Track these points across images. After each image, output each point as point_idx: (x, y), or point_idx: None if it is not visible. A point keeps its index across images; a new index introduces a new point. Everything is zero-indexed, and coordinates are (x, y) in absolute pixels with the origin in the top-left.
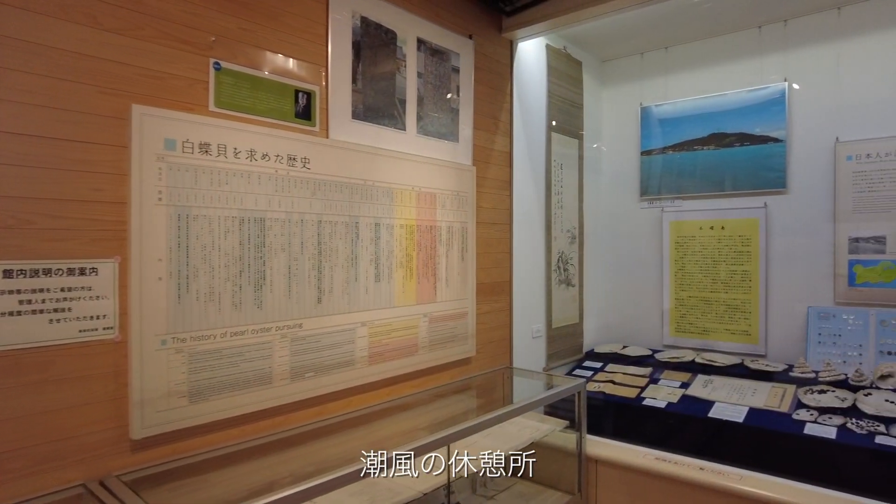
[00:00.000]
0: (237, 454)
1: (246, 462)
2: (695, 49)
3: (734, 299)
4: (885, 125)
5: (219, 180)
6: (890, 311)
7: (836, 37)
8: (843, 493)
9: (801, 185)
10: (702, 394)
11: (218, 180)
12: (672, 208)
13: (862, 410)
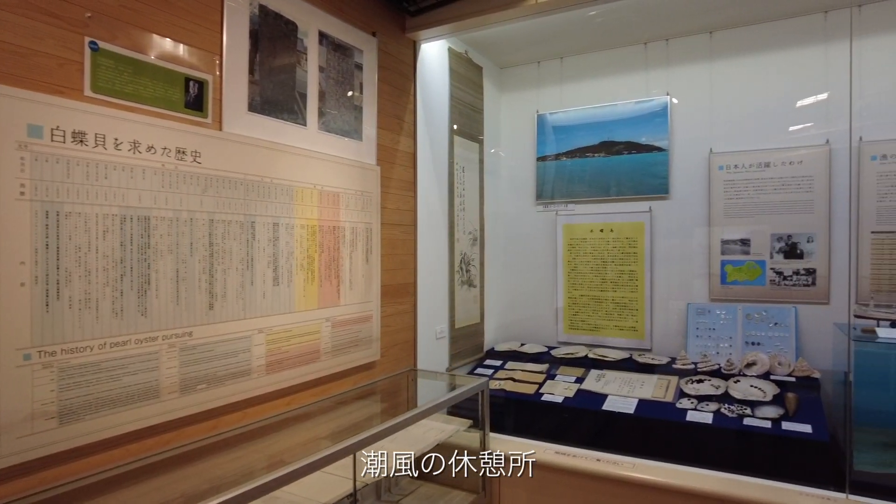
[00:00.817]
0: (121, 477)
1: (131, 485)
2: (587, 61)
3: (622, 297)
4: (750, 139)
5: (96, 174)
6: (754, 306)
7: (709, 57)
8: (719, 473)
9: (681, 192)
10: (595, 388)
11: (95, 174)
12: (565, 212)
13: (732, 396)
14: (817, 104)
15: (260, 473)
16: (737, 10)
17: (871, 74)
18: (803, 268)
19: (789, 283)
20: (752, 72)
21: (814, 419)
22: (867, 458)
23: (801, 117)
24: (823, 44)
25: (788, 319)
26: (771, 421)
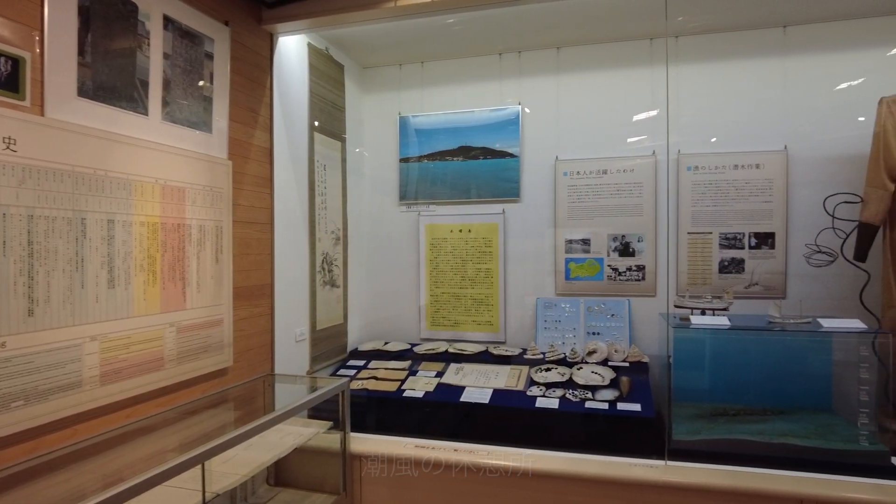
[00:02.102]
0: None
1: None
2: (447, 67)
3: (479, 294)
4: (591, 148)
5: None
6: (594, 300)
7: (556, 71)
8: (564, 453)
9: (531, 195)
10: (454, 381)
11: None
12: (427, 212)
13: (576, 382)
14: (647, 120)
15: (92, 494)
16: (580, 29)
17: (688, 96)
18: (635, 264)
19: (623, 278)
20: (593, 87)
21: (643, 399)
22: (683, 428)
23: (633, 130)
24: (650, 67)
25: (623, 311)
26: (608, 403)
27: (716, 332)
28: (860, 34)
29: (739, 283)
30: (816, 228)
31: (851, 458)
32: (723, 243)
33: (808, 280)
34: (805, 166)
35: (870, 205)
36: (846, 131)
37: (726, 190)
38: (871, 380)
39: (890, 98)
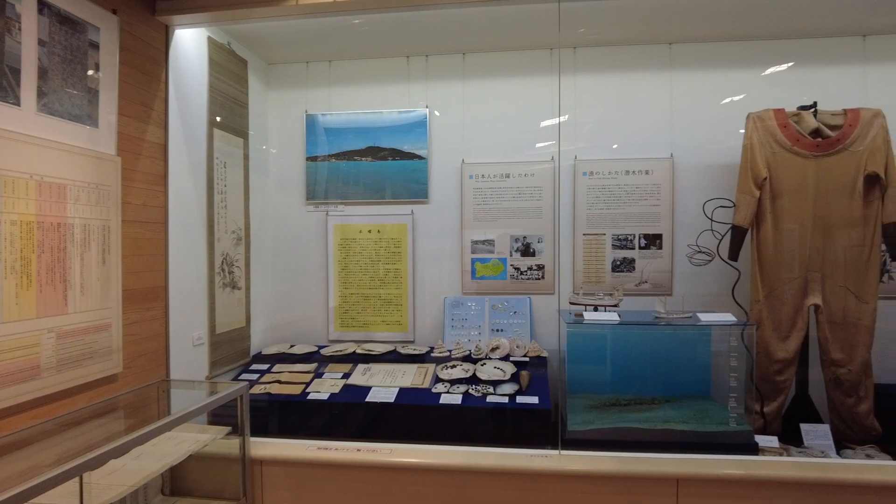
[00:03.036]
0: None
1: None
2: (355, 67)
3: (389, 294)
4: (495, 152)
5: None
6: (498, 298)
7: (462, 76)
8: (466, 447)
9: (439, 197)
10: (361, 381)
11: None
12: (336, 213)
13: (479, 377)
14: (548, 126)
15: None
16: (484, 37)
17: (586, 105)
18: (535, 264)
19: (525, 277)
20: (498, 93)
21: (540, 392)
22: (578, 419)
23: (535, 136)
24: (550, 76)
25: (525, 308)
26: (508, 396)
27: (607, 326)
28: (740, 55)
29: (630, 281)
30: (698, 230)
31: (723, 439)
32: (615, 244)
33: (691, 278)
34: (689, 173)
35: (740, 209)
36: (725, 142)
37: (619, 194)
38: (740, 367)
39: (756, 114)
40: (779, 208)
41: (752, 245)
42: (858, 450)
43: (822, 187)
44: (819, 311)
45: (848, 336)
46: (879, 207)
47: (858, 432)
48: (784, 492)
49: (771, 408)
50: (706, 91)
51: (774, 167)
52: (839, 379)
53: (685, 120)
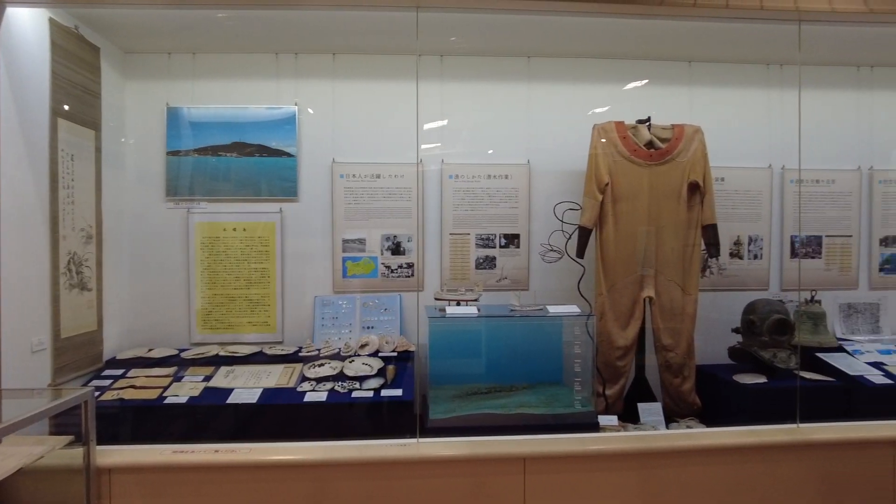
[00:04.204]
0: None
1: None
2: (221, 60)
3: (256, 294)
4: (366, 152)
5: None
6: (369, 296)
7: (332, 76)
8: (327, 442)
9: (309, 195)
10: (223, 383)
11: None
12: (199, 210)
13: (346, 374)
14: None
15: None
16: (354, 39)
17: (453, 111)
18: (405, 262)
19: (395, 275)
20: (369, 95)
21: (405, 384)
22: (440, 408)
23: (404, 139)
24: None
25: (395, 305)
26: (374, 391)
27: (467, 320)
28: (589, 71)
29: (492, 278)
30: (550, 230)
31: (569, 419)
32: (479, 243)
33: (545, 274)
34: (543, 178)
35: (586, 211)
36: (575, 150)
37: (481, 197)
38: (585, 354)
39: (601, 125)
40: (619, 211)
41: (596, 244)
42: (682, 422)
43: (654, 193)
44: (653, 302)
45: (675, 324)
46: (700, 211)
47: (684, 407)
48: (617, 462)
49: (613, 390)
50: (560, 103)
51: (615, 174)
52: (669, 362)
53: (541, 129)
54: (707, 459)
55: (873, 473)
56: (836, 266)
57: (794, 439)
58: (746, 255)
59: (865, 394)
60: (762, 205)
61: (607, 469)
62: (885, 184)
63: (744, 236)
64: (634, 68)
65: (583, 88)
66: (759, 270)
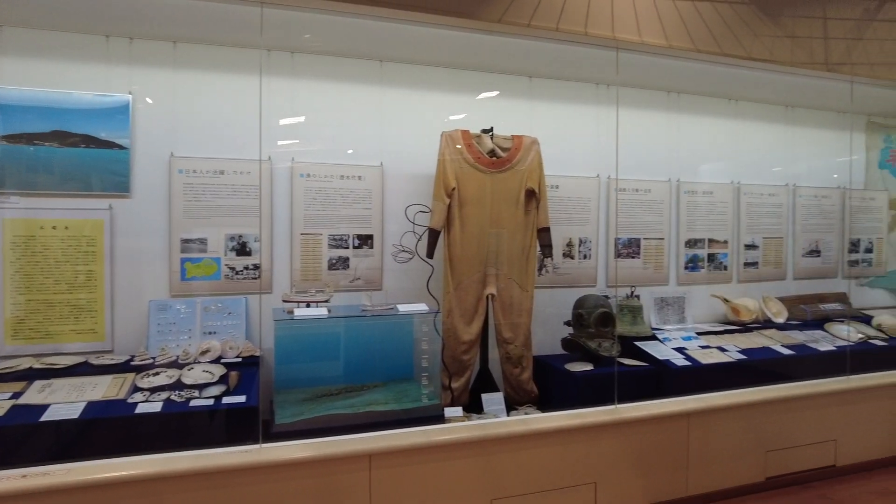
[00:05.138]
0: None
1: None
2: (38, 37)
3: (80, 299)
4: (207, 148)
5: None
6: (211, 299)
7: (173, 66)
8: (161, 454)
9: (143, 191)
10: (37, 399)
11: None
12: (8, 205)
13: (184, 382)
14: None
15: None
16: (195, 29)
17: (305, 109)
18: (252, 263)
19: (241, 276)
20: (213, 88)
21: (248, 390)
22: (288, 412)
23: (253, 134)
24: (266, 76)
25: (240, 309)
26: (214, 398)
27: (317, 321)
28: (440, 80)
29: (345, 279)
30: (402, 231)
31: (417, 414)
32: (331, 243)
33: (398, 274)
34: (396, 180)
35: (434, 214)
36: (426, 155)
37: (334, 197)
38: (433, 350)
39: (448, 133)
40: (465, 214)
41: (444, 245)
42: (521, 409)
43: (496, 198)
44: (494, 299)
45: (515, 319)
46: (536, 216)
47: (523, 396)
48: (460, 451)
49: (459, 383)
50: (412, 108)
51: (461, 179)
52: (509, 354)
53: (394, 132)
54: (541, 442)
55: (673, 441)
56: (651, 265)
57: (612, 418)
58: (577, 256)
59: (670, 375)
60: (591, 210)
61: (451, 458)
62: (690, 194)
63: (575, 239)
64: (482, 80)
65: (433, 96)
66: (589, 269)
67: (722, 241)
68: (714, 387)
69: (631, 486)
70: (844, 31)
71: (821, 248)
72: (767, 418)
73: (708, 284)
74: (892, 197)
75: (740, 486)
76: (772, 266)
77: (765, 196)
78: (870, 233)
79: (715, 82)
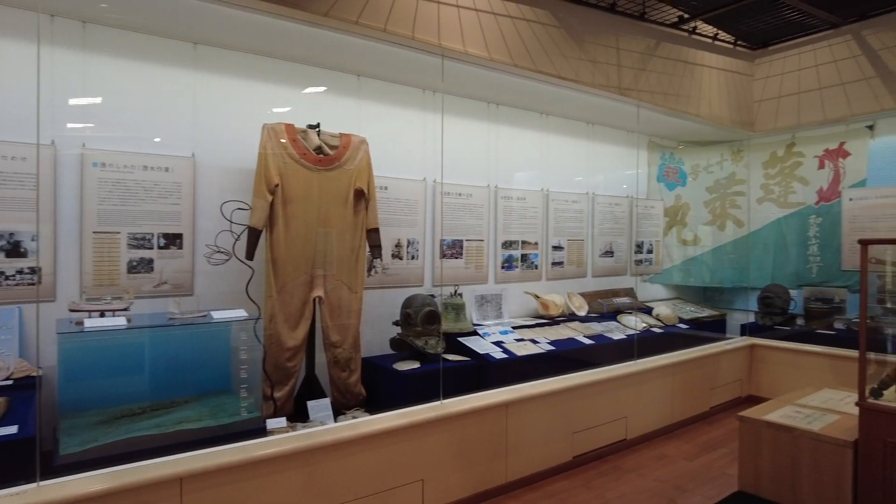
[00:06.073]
0: None
1: None
2: None
3: None
4: None
5: None
6: None
7: None
8: None
9: None
10: None
11: None
12: None
13: None
14: (45, 104)
15: None
16: None
17: (99, 89)
18: (27, 266)
19: (13, 282)
20: None
21: (22, 419)
22: (76, 440)
23: (27, 111)
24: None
25: (11, 321)
26: None
27: (113, 333)
28: (262, 69)
29: (149, 283)
30: (217, 230)
31: (236, 429)
32: (132, 243)
33: (212, 277)
34: (211, 173)
35: (255, 212)
36: (245, 147)
37: (135, 190)
38: (253, 359)
39: (271, 126)
40: (289, 213)
41: (266, 245)
42: (349, 413)
43: (323, 197)
44: (322, 301)
45: (343, 321)
46: (365, 216)
47: (351, 399)
48: (284, 464)
49: (283, 392)
50: (231, 97)
51: (286, 175)
52: (336, 357)
53: (208, 121)
54: (369, 445)
55: (494, 431)
56: (473, 265)
57: (438, 414)
58: (406, 256)
59: (490, 368)
60: (418, 212)
61: (275, 472)
62: (506, 199)
63: (403, 240)
64: (309, 74)
65: (255, 86)
66: (417, 269)
67: (533, 242)
68: (529, 377)
69: (456, 478)
70: (632, 62)
71: (614, 249)
72: (573, 403)
73: (521, 282)
74: (667, 206)
75: (552, 467)
76: (575, 265)
77: (569, 203)
78: (651, 236)
79: (529, 97)
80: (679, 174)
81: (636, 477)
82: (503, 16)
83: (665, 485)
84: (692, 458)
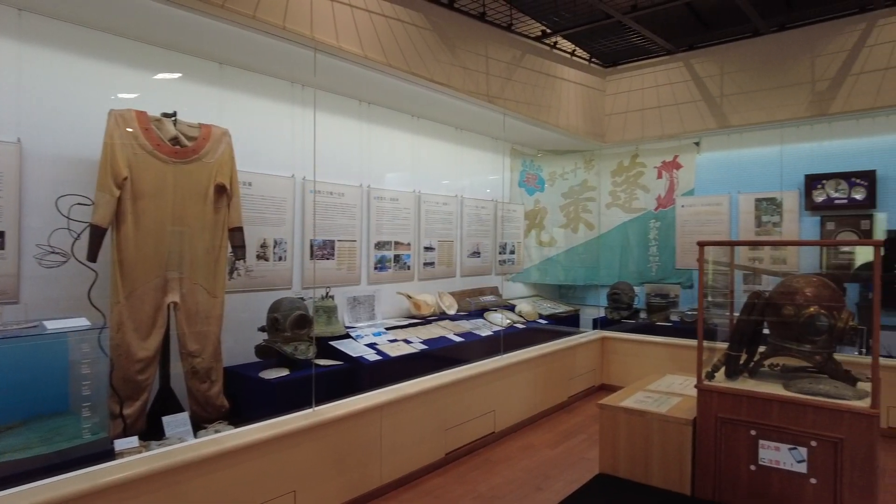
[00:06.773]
0: None
1: None
2: None
3: None
4: None
5: None
6: None
7: None
8: None
9: None
10: None
11: None
12: None
13: None
14: None
15: None
16: None
17: None
18: None
19: None
20: None
21: None
22: None
23: None
24: None
25: None
26: None
27: None
28: (104, 46)
29: None
30: (51, 228)
31: (77, 454)
32: None
33: (44, 281)
34: (42, 163)
35: (99, 208)
36: (85, 135)
37: None
38: (96, 373)
39: (119, 112)
40: (140, 209)
41: (112, 245)
42: (210, 427)
43: (179, 192)
44: (177, 307)
45: (202, 328)
46: (227, 214)
47: (212, 412)
48: (139, 488)
49: (133, 408)
50: (65, 75)
51: (136, 168)
52: (195, 368)
53: (39, 102)
54: (235, 461)
55: (369, 435)
56: (345, 266)
57: (311, 422)
58: (272, 257)
59: (364, 371)
60: (286, 211)
61: (129, 498)
62: (379, 199)
63: (269, 239)
64: (162, 57)
65: (97, 65)
66: (284, 271)
67: (406, 243)
68: (403, 377)
69: (331, 486)
70: (500, 71)
71: (480, 250)
72: (445, 400)
73: (394, 283)
74: (527, 210)
75: (425, 465)
76: (445, 265)
77: (440, 204)
78: (513, 238)
79: (401, 98)
80: (538, 180)
81: (505, 468)
82: (378, 14)
83: (532, 473)
84: (555, 445)
